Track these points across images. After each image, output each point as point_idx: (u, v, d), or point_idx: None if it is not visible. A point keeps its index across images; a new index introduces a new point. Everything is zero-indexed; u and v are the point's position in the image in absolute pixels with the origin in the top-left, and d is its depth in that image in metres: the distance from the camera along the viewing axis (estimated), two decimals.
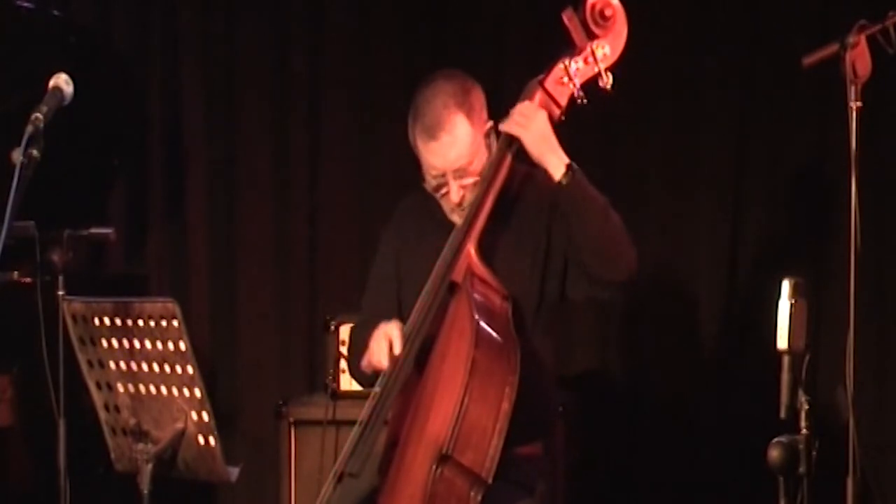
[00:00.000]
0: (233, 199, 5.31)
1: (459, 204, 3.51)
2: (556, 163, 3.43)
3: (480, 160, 3.50)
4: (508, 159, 3.48)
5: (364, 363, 3.45)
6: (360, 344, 3.53)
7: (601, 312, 4.96)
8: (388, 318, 3.48)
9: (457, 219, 3.53)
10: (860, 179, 3.31)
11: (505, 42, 5.06)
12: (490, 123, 3.55)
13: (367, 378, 3.54)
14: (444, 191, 3.53)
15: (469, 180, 3.49)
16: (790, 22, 4.78)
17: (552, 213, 3.51)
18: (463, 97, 3.50)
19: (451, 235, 3.46)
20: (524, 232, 3.55)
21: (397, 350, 3.36)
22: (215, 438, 3.15)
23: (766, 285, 4.08)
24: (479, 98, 3.54)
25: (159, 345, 3.14)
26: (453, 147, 3.47)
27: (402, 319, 3.49)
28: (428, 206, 3.63)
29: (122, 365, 3.21)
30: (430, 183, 3.55)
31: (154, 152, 5.35)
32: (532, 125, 3.44)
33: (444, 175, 3.50)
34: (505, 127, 3.47)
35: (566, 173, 3.42)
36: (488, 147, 3.54)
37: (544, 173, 3.47)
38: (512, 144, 3.47)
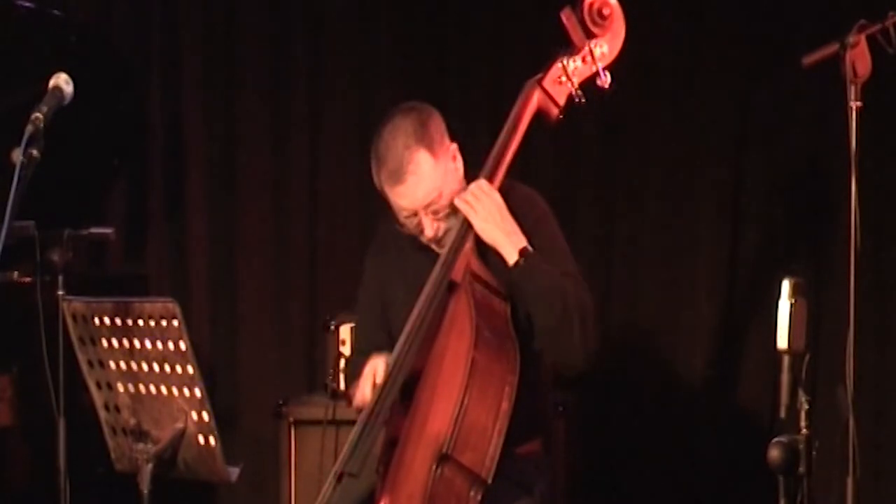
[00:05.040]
0: (233, 199, 5.31)
1: (435, 237, 3.48)
2: (509, 249, 3.38)
3: (450, 188, 3.46)
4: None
5: (356, 405, 3.45)
6: (354, 376, 3.54)
7: (600, 312, 4.96)
8: (382, 344, 3.49)
9: (435, 248, 3.51)
10: (860, 179, 3.31)
11: (504, 42, 5.06)
12: (454, 146, 3.51)
13: None
14: (418, 229, 3.50)
15: (440, 214, 3.46)
16: (790, 22, 4.79)
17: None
18: (422, 131, 3.44)
19: (452, 234, 3.45)
20: None
21: (380, 378, 3.36)
22: (215, 438, 3.15)
23: (766, 285, 4.09)
24: (437, 126, 3.49)
25: (159, 345, 3.14)
26: (420, 185, 3.43)
27: (392, 337, 3.50)
28: None
29: (122, 365, 3.21)
30: (404, 224, 3.51)
31: (154, 152, 5.35)
32: (481, 209, 3.39)
33: (416, 214, 3.47)
34: (456, 201, 3.41)
35: (521, 259, 3.36)
36: (455, 171, 3.50)
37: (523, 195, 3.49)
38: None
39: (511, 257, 3.38)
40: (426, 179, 3.43)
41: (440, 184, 3.45)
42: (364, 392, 3.41)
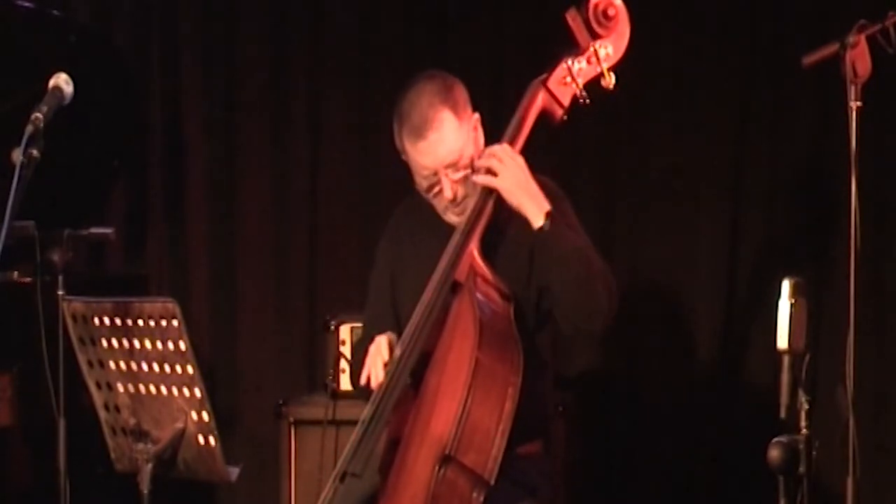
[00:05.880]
0: (233, 199, 5.31)
1: (454, 199, 3.50)
2: (535, 211, 3.39)
3: (469, 153, 3.49)
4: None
5: (363, 380, 3.45)
6: (360, 361, 3.53)
7: None
8: (391, 331, 3.49)
9: (451, 217, 3.53)
10: (860, 179, 3.31)
11: (505, 42, 5.06)
12: (476, 116, 3.54)
13: (367, 392, 3.54)
14: (436, 189, 3.51)
15: (460, 174, 3.47)
16: (790, 22, 4.79)
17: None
18: (446, 93, 3.48)
19: (454, 235, 3.45)
20: (521, 235, 3.52)
21: (385, 357, 3.36)
22: (215, 438, 3.15)
23: (766, 285, 4.08)
24: (461, 93, 3.52)
25: (159, 345, 3.14)
26: (442, 144, 3.45)
27: (400, 325, 3.50)
28: (422, 209, 3.62)
29: (122, 365, 3.21)
30: (422, 184, 3.53)
31: (154, 152, 5.35)
32: (507, 173, 3.40)
33: (435, 173, 3.48)
34: (479, 180, 3.43)
35: (546, 221, 3.38)
36: (476, 140, 3.52)
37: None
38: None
39: (537, 221, 3.39)
40: (448, 138, 3.45)
41: (461, 146, 3.47)
42: (376, 371, 3.39)
